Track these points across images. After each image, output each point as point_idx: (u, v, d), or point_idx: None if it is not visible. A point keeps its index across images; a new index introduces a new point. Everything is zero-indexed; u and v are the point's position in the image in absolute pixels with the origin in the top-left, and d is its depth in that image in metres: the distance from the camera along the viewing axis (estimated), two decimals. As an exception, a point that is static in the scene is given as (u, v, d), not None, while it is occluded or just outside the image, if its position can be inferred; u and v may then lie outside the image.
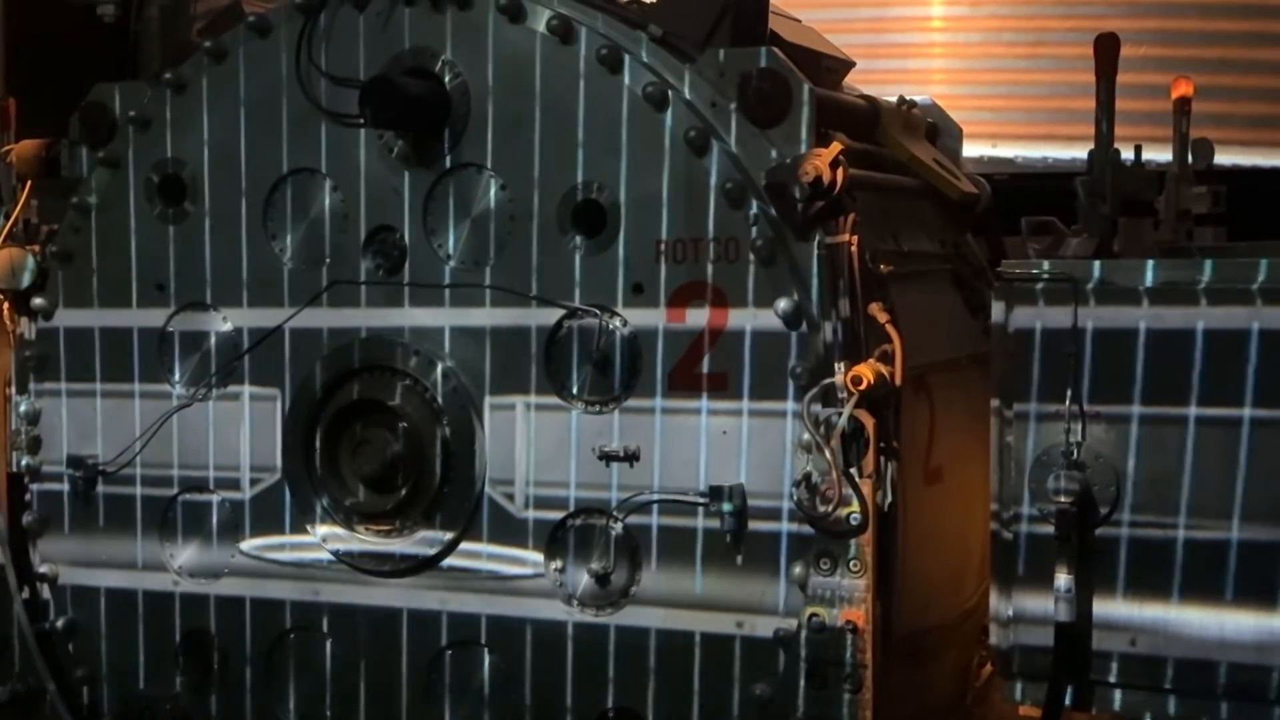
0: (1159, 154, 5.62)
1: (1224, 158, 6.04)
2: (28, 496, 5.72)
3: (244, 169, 5.32)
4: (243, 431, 5.38)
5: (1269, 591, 4.34)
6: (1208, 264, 4.42)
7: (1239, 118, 8.83)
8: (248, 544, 5.41)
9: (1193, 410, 4.39)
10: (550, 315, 4.92)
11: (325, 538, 5.29)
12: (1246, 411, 4.34)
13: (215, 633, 5.48)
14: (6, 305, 5.67)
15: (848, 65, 6.13)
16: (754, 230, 4.67)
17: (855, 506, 4.59)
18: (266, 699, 5.42)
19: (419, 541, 5.15)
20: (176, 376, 5.48)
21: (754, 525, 4.73)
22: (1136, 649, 4.50)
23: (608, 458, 4.87)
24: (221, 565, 5.46)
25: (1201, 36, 9.00)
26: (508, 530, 5.03)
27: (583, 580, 4.95)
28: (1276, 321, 4.31)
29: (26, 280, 5.62)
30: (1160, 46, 8.65)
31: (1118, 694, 4.56)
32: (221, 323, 5.41)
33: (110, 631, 5.64)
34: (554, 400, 4.94)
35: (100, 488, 5.60)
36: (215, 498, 5.46)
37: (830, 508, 4.59)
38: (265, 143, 5.27)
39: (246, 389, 5.37)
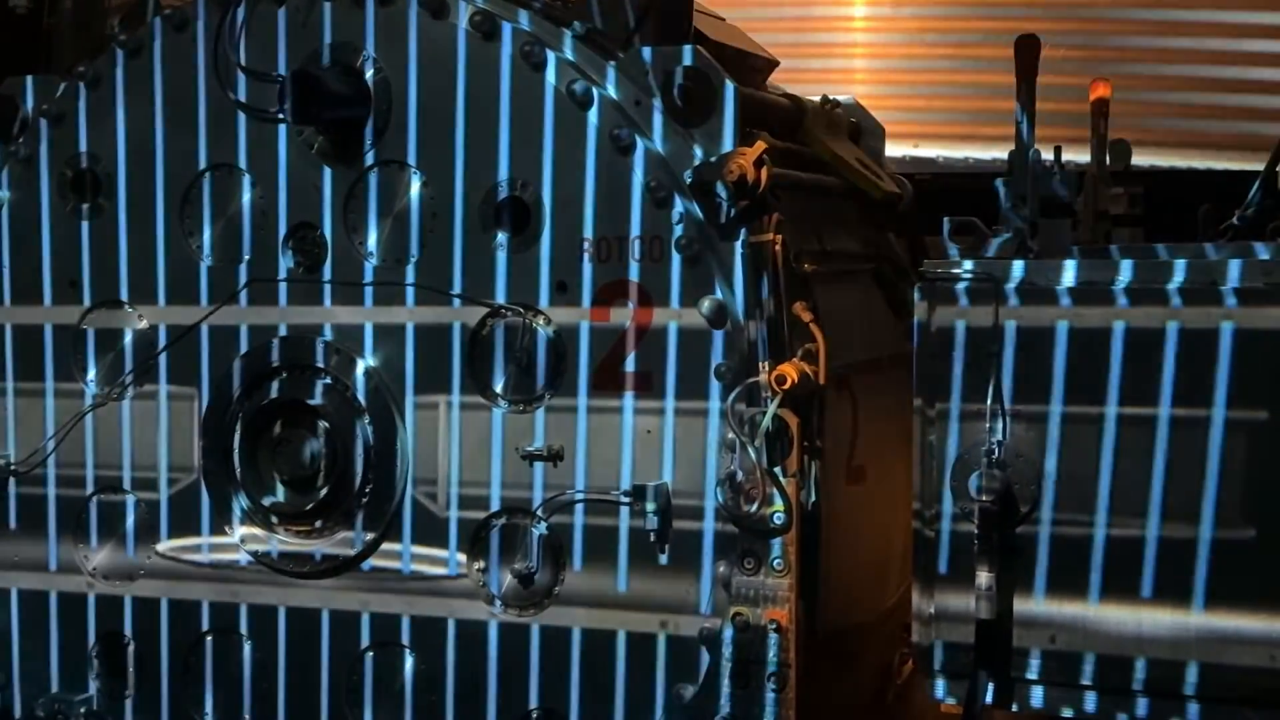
0: (1078, 155, 5.68)
1: (1141, 159, 6.12)
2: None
3: (160, 165, 5.23)
4: (160, 431, 5.30)
5: (1184, 588, 4.41)
6: (1126, 264, 4.48)
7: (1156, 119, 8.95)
8: (164, 545, 5.33)
9: (1111, 409, 4.45)
10: (474, 314, 4.88)
11: (244, 538, 5.22)
12: (1164, 410, 4.40)
13: (131, 635, 5.39)
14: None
15: (772, 64, 6.14)
16: (678, 229, 4.66)
17: (779, 506, 4.60)
18: (184, 702, 5.34)
19: (340, 542, 5.09)
20: (91, 375, 5.39)
21: (678, 525, 4.72)
22: (1056, 645, 4.54)
23: (531, 457, 4.84)
24: (137, 567, 5.37)
25: (1121, 39, 9.10)
26: (430, 530, 4.99)
27: (506, 580, 4.92)
28: (1193, 321, 4.37)
29: (-65, 276, 5.51)
30: (1080, 49, 8.74)
31: (1038, 690, 4.61)
32: (137, 320, 5.32)
33: (23, 635, 5.53)
34: (477, 399, 4.90)
35: (12, 488, 5.50)
36: (131, 498, 5.37)
37: (754, 507, 4.60)
38: (182, 138, 5.19)
39: (163, 388, 5.29)
